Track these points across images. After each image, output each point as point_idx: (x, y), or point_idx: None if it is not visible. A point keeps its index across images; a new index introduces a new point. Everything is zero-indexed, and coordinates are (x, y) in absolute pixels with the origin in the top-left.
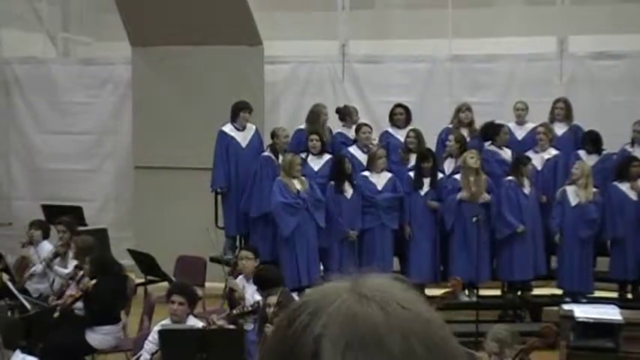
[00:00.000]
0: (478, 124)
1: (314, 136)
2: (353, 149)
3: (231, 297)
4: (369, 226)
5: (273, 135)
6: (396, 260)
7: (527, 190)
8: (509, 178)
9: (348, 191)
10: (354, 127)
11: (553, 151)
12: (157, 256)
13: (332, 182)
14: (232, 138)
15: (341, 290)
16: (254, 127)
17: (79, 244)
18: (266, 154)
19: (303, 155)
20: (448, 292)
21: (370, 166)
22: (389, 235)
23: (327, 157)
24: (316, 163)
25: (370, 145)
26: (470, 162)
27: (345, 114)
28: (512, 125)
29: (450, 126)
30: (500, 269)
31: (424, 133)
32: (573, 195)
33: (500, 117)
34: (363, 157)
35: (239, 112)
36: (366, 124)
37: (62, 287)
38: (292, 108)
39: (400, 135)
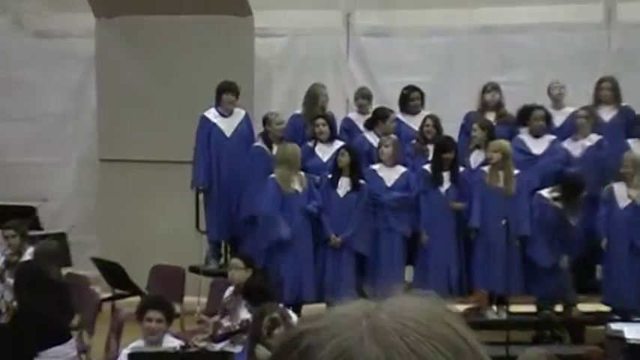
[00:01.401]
0: (509, 108)
1: (320, 121)
2: (371, 136)
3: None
4: (374, 230)
5: (266, 121)
6: (409, 270)
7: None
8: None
9: (343, 188)
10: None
11: (595, 137)
12: (127, 266)
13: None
14: (215, 125)
15: (349, 320)
16: (242, 112)
17: (40, 250)
18: (257, 144)
19: (310, 143)
20: (472, 307)
21: (381, 156)
22: (399, 241)
23: (337, 144)
24: (325, 152)
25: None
26: (494, 157)
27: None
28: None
29: (474, 111)
30: (531, 281)
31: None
32: (622, 193)
33: (534, 99)
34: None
35: (222, 94)
36: (391, 111)
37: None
38: (287, 89)
39: (413, 123)
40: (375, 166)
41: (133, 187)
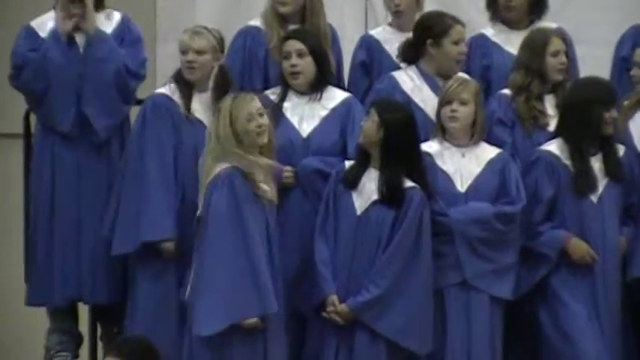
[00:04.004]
0: None
1: (293, 44)
2: (416, 77)
3: None
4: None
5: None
6: None
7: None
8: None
9: (365, 196)
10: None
11: None
12: None
13: (345, 163)
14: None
15: None
16: (117, 16)
17: None
18: (160, 91)
19: (272, 96)
20: None
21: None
22: (492, 313)
23: (339, 97)
24: (307, 116)
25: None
26: None
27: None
28: None
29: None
30: None
31: None
32: None
33: None
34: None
35: None
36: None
37: None
38: None
39: (512, 46)
40: (430, 146)
41: None
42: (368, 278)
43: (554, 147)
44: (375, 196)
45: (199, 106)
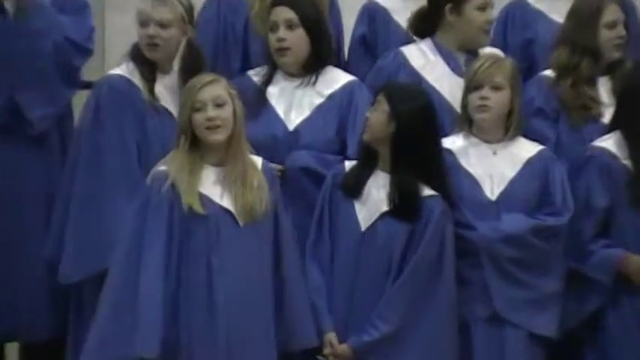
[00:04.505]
0: None
1: (280, 13)
2: (431, 54)
3: None
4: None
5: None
6: None
7: None
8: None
9: (372, 206)
10: None
11: None
12: None
13: (345, 163)
14: None
15: None
16: None
17: None
18: (115, 72)
19: (255, 78)
20: None
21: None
22: (537, 352)
23: (340, 82)
24: (299, 104)
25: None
26: None
27: None
28: None
29: None
30: None
31: None
32: None
33: None
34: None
35: None
36: None
37: None
38: None
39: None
40: (453, 142)
41: None
42: (375, 312)
43: (610, 143)
44: (384, 207)
45: (165, 92)
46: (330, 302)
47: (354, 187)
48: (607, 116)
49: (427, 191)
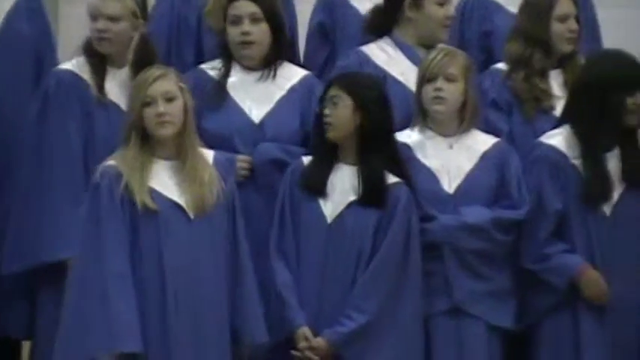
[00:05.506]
0: None
1: (245, 7)
2: (391, 50)
3: None
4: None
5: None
6: None
7: None
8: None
9: (338, 197)
10: None
11: None
12: None
13: (302, 158)
14: None
15: None
16: None
17: None
18: (65, 66)
19: (211, 71)
20: None
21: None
22: (495, 344)
23: (297, 75)
24: (262, 98)
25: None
26: None
27: None
28: None
29: None
30: None
31: None
32: None
33: None
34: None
35: None
36: None
37: None
38: None
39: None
40: (409, 136)
41: None
42: (349, 303)
43: (559, 140)
44: (351, 197)
45: (116, 87)
46: (300, 297)
47: (316, 184)
48: (558, 109)
49: (392, 178)
